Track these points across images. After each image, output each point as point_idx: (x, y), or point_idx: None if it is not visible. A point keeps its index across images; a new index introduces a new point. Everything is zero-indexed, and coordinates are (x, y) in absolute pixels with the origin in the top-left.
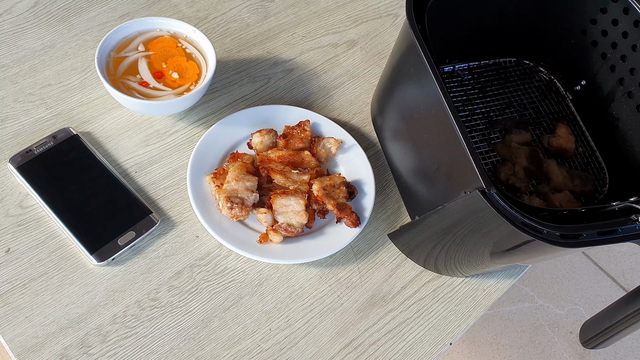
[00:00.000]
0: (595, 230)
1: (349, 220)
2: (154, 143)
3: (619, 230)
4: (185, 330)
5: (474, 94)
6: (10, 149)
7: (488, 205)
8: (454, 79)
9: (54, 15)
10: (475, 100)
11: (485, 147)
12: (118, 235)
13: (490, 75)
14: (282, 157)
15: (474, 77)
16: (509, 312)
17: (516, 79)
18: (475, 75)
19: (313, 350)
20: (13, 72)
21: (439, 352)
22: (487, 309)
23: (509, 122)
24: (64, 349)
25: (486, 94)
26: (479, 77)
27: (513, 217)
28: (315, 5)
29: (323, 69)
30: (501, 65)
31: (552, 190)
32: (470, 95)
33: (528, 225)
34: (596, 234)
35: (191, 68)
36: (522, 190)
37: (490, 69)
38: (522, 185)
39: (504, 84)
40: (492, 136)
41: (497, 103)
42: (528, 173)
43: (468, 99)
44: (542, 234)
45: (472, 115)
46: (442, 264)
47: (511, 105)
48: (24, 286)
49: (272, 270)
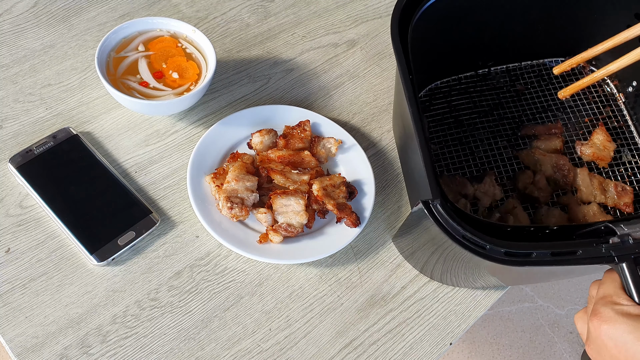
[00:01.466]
0: (548, 250)
1: (349, 220)
2: (154, 143)
3: (579, 252)
4: (185, 330)
5: (508, 97)
6: (10, 149)
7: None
8: (488, 82)
9: (54, 15)
10: (507, 104)
11: (509, 154)
12: (118, 235)
13: (530, 77)
14: (282, 157)
15: (511, 79)
16: (509, 312)
17: (560, 81)
18: (514, 77)
19: (313, 350)
20: (13, 72)
21: (439, 352)
22: (487, 309)
23: (539, 127)
24: (64, 349)
25: (521, 97)
26: (517, 79)
27: (455, 230)
28: (315, 5)
29: (323, 69)
30: (545, 65)
31: (580, 201)
32: (503, 98)
33: (469, 239)
34: (549, 254)
35: (191, 68)
36: (541, 200)
37: (532, 70)
38: (542, 195)
39: (545, 86)
40: (518, 142)
41: (533, 107)
42: (552, 183)
43: (499, 102)
44: (484, 250)
45: (501, 119)
46: (437, 274)
47: (548, 109)
48: (24, 286)
49: (272, 270)
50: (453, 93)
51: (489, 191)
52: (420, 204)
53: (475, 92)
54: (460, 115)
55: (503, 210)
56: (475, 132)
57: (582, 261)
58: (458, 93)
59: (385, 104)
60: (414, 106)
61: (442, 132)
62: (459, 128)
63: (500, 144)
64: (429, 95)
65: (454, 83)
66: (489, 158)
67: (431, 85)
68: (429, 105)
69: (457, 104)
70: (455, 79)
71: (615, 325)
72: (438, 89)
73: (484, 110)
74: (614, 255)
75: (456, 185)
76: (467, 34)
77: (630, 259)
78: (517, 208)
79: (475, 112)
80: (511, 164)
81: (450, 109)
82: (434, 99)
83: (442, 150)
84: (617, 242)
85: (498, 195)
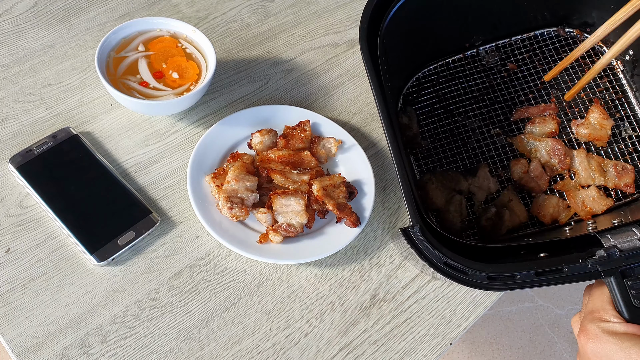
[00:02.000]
0: (533, 270)
1: (349, 220)
2: (154, 143)
3: (564, 269)
4: (185, 330)
5: (499, 78)
6: (10, 149)
7: (408, 244)
8: (477, 63)
9: (54, 15)
10: (499, 86)
11: (502, 142)
12: (118, 235)
13: (522, 53)
14: (282, 157)
15: (501, 58)
16: (509, 312)
17: (554, 54)
18: (504, 55)
19: (313, 350)
20: (13, 72)
21: (439, 352)
22: (487, 309)
23: (532, 109)
24: (64, 349)
25: (514, 78)
26: (508, 57)
27: (436, 257)
28: (315, 5)
29: (323, 69)
30: (537, 38)
31: (579, 186)
32: (494, 80)
33: (451, 266)
34: (534, 274)
35: (191, 68)
36: (536, 190)
37: (523, 45)
38: (536, 184)
39: (537, 61)
40: (512, 127)
41: (525, 87)
42: (549, 168)
43: (491, 85)
44: (467, 276)
45: (493, 104)
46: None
47: (543, 87)
48: (24, 286)
49: (272, 270)
50: (441, 80)
51: (484, 185)
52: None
53: (464, 77)
54: (450, 105)
55: (499, 204)
56: (467, 122)
57: (567, 279)
58: (447, 80)
59: None
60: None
61: (433, 125)
62: (450, 119)
63: (493, 131)
64: (417, 85)
65: (441, 69)
66: (482, 148)
67: (418, 74)
68: (417, 96)
69: (446, 92)
70: (443, 64)
71: (601, 344)
72: (425, 77)
73: (475, 95)
74: (601, 270)
75: (449, 181)
76: (450, 14)
77: (617, 273)
78: (512, 201)
79: (466, 99)
80: (505, 152)
81: (439, 98)
82: (423, 89)
83: (433, 145)
84: (603, 255)
85: (493, 188)
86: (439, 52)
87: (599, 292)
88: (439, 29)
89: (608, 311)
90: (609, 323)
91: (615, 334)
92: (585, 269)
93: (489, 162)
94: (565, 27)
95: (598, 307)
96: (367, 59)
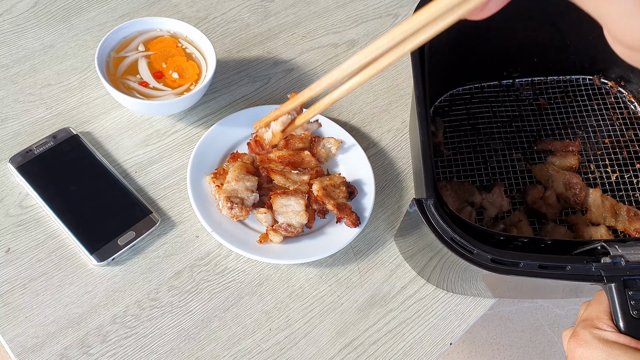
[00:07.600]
0: (537, 262)
1: (349, 220)
2: (154, 143)
3: (568, 267)
4: (185, 330)
5: (529, 110)
6: (10, 149)
7: (419, 214)
8: (511, 93)
9: (54, 15)
10: (527, 117)
11: (522, 167)
12: (118, 235)
13: (555, 93)
14: (282, 157)
15: (534, 93)
16: (509, 312)
17: (585, 100)
18: (538, 91)
19: (313, 350)
20: (13, 72)
21: (439, 352)
22: (487, 309)
23: (556, 143)
24: (64, 349)
25: (543, 112)
26: (542, 93)
27: (444, 231)
28: (315, 5)
29: (323, 69)
30: (572, 82)
31: (589, 222)
32: (524, 111)
33: (458, 242)
34: (537, 266)
35: (191, 68)
36: (548, 216)
37: (557, 85)
38: (550, 211)
39: (569, 103)
40: (533, 156)
41: (553, 123)
42: (562, 200)
43: (519, 114)
44: (471, 255)
45: (519, 132)
46: (434, 279)
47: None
48: (24, 286)
49: (272, 270)
50: (474, 101)
51: (496, 202)
52: (414, 202)
53: (496, 102)
54: (478, 123)
55: (508, 223)
56: (491, 142)
57: (569, 277)
58: (479, 101)
59: (385, 104)
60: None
61: (458, 139)
62: (475, 136)
63: (515, 156)
64: (449, 100)
65: (476, 91)
66: (502, 169)
67: (453, 90)
68: (448, 110)
69: (476, 112)
70: (478, 86)
71: (590, 350)
72: (459, 95)
73: (503, 120)
74: (604, 275)
75: (464, 192)
76: (495, 42)
77: (619, 281)
78: (522, 222)
79: (494, 122)
80: (523, 177)
81: (469, 116)
82: (454, 105)
83: (455, 157)
84: (608, 262)
85: (505, 206)
86: (476, 75)
87: (598, 302)
88: (483, 54)
89: (603, 320)
90: (602, 331)
91: (606, 341)
92: (588, 271)
93: (505, 183)
94: (602, 78)
95: (593, 315)
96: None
